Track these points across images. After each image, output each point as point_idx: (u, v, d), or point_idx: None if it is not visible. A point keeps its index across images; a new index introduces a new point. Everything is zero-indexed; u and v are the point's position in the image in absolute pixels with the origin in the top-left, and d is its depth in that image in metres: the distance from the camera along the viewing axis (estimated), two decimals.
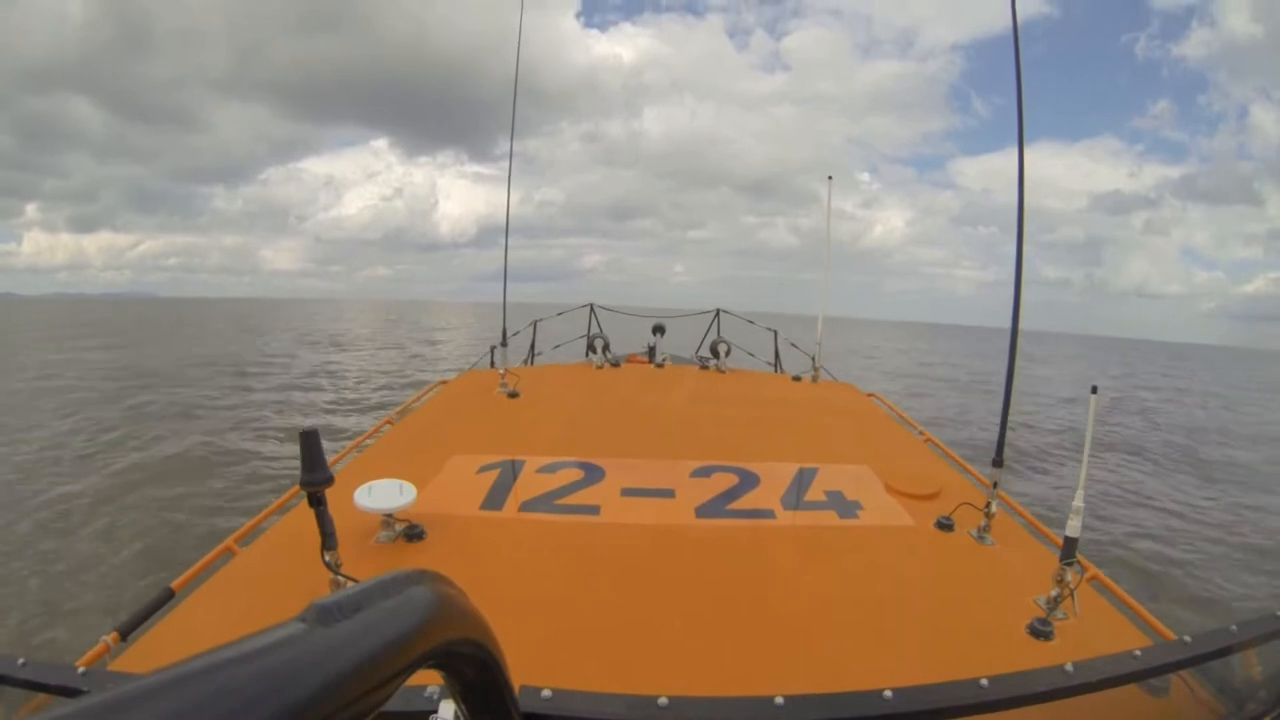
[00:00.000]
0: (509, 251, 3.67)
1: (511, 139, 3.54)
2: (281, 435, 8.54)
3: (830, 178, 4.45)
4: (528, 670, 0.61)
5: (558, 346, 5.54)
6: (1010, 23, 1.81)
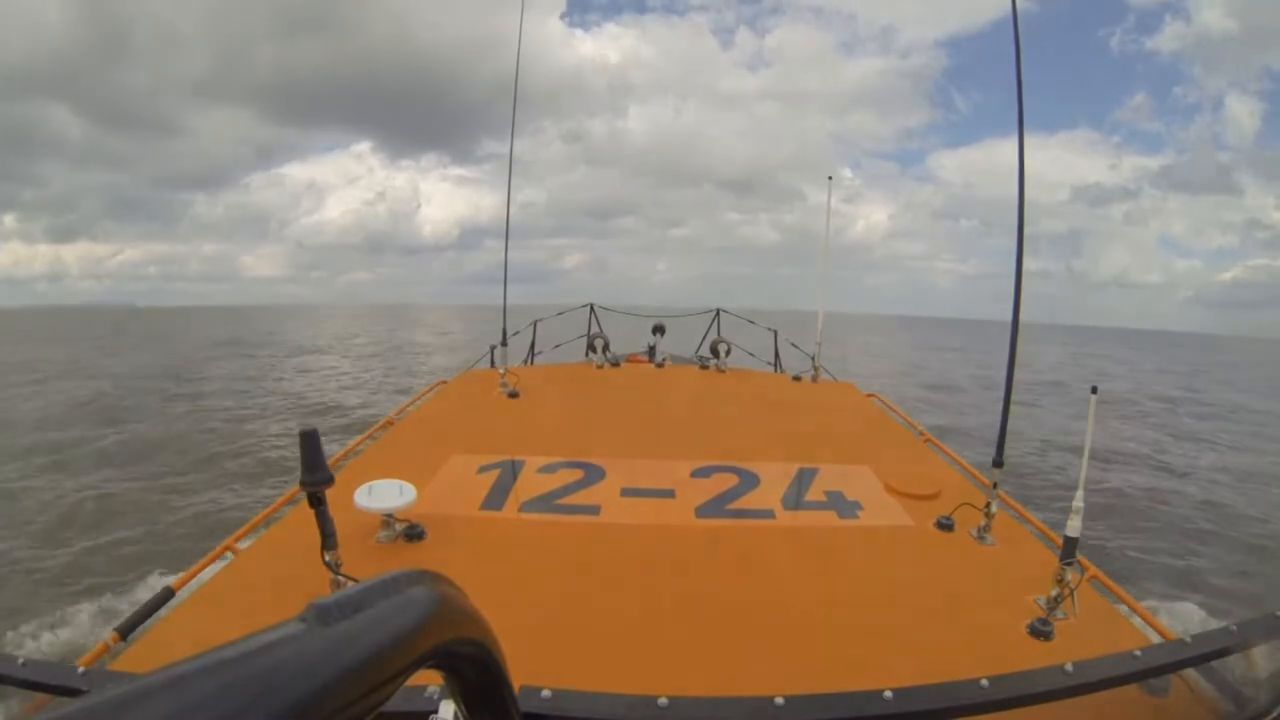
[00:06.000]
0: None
1: (511, 142, 3.56)
2: None
3: (830, 178, 4.47)
4: (528, 670, 0.61)
5: (558, 346, 5.54)
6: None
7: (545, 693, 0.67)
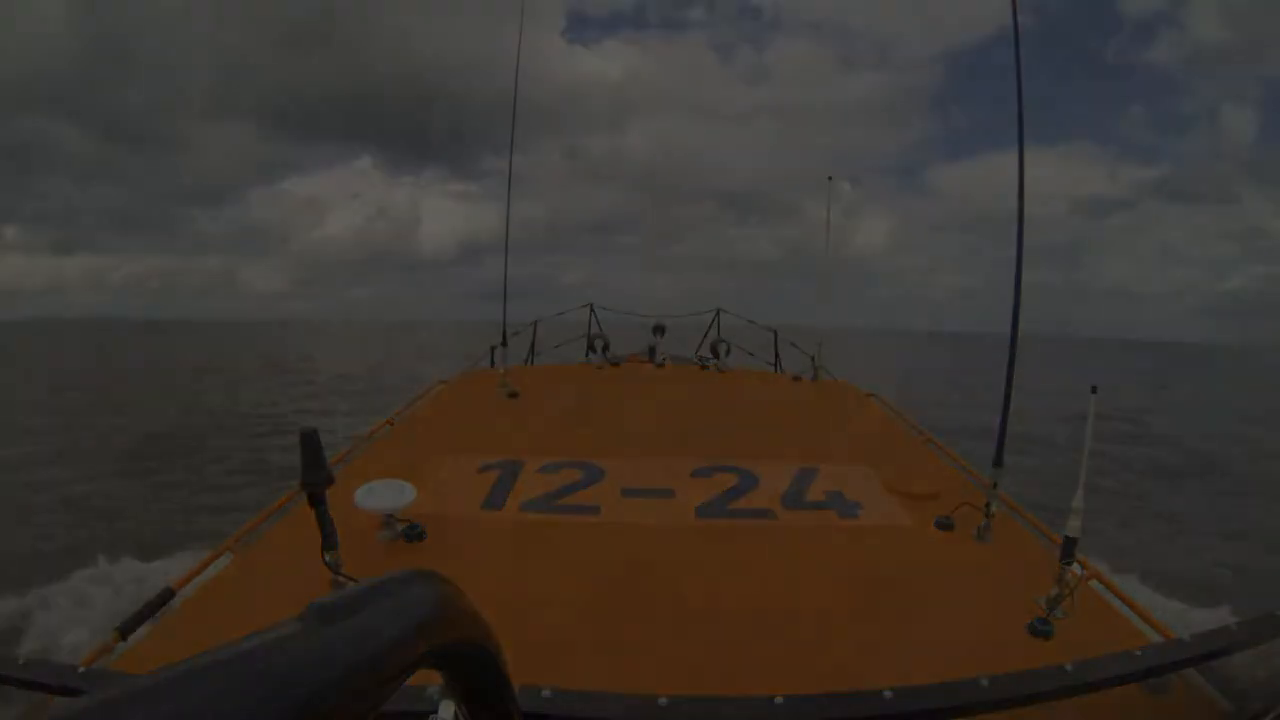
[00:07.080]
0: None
1: (511, 153, 3.58)
2: None
3: (830, 178, 4.47)
4: (528, 670, 0.61)
5: (558, 346, 5.54)
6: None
7: (545, 692, 0.67)
